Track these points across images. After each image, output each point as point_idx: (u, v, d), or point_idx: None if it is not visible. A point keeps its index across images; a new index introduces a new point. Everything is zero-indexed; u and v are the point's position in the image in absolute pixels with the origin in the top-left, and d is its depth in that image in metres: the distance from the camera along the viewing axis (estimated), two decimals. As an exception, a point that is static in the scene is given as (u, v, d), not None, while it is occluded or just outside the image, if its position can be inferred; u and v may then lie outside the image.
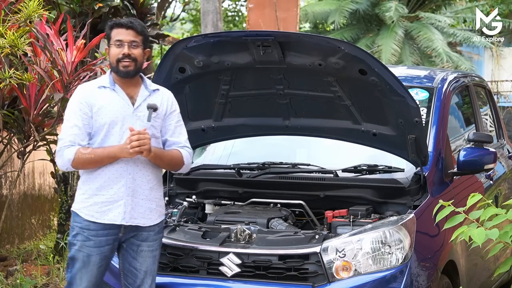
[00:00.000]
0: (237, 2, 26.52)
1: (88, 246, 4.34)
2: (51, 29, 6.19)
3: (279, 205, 5.06)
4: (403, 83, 4.67)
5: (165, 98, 4.49)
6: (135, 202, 4.38)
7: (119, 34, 4.36)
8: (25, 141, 6.52)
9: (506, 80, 19.34)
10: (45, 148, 6.98)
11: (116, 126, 4.35)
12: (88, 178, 4.39)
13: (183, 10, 26.60)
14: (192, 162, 5.46)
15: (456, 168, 5.31)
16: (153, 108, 4.36)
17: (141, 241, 4.44)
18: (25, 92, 6.24)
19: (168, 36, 9.63)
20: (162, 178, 4.54)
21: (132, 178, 4.37)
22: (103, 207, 4.35)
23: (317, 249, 4.52)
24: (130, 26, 4.36)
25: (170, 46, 4.93)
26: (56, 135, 6.64)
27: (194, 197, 5.23)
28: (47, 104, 6.37)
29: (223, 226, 4.85)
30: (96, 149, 4.33)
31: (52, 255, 7.49)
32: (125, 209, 4.35)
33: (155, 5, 18.99)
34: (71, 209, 4.45)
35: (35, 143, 6.53)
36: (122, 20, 4.42)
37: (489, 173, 5.92)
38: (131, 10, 8.27)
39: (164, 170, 4.90)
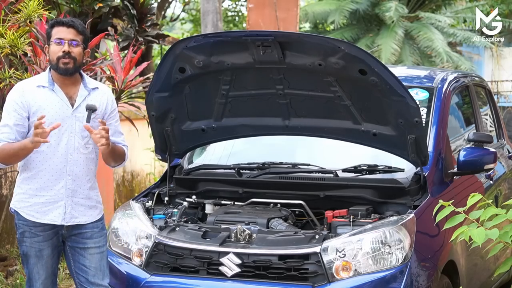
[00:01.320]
0: (237, 2, 26.50)
1: (37, 241, 4.43)
2: (51, 29, 6.18)
3: (279, 205, 5.05)
4: (403, 83, 4.67)
5: (105, 97, 4.52)
6: (75, 201, 4.45)
7: (59, 32, 4.39)
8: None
9: (506, 80, 19.32)
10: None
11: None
12: (28, 178, 4.44)
13: (183, 10, 26.58)
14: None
15: (456, 168, 5.31)
16: (92, 109, 4.37)
17: (87, 239, 4.51)
18: (25, 92, 6.23)
19: (168, 36, 9.62)
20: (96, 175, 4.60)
21: (72, 179, 4.42)
22: (43, 208, 4.41)
23: (317, 249, 4.52)
24: (71, 25, 4.39)
25: (170, 46, 4.93)
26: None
27: (194, 197, 5.23)
28: (47, 104, 6.36)
29: (223, 226, 4.84)
30: (14, 143, 4.33)
31: (52, 255, 7.47)
32: (65, 210, 4.42)
33: (155, 5, 18.97)
34: (11, 206, 4.50)
35: (35, 143, 6.51)
36: (63, 19, 4.46)
37: (489, 173, 5.91)
38: (131, 10, 8.26)
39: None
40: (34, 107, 4.37)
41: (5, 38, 5.78)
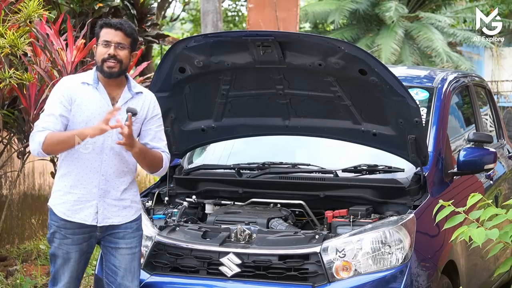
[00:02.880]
0: (237, 2, 26.52)
1: (66, 244, 4.39)
2: (51, 29, 6.19)
3: (279, 205, 5.06)
4: (403, 83, 4.67)
5: (147, 102, 4.48)
6: (107, 202, 4.40)
7: (107, 34, 4.36)
8: (25, 141, 6.52)
9: (506, 80, 19.34)
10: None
11: (92, 125, 4.32)
12: (63, 175, 4.41)
13: (183, 10, 26.59)
14: (197, 164, 5.46)
15: (456, 168, 5.31)
16: (132, 113, 4.33)
17: (119, 239, 4.46)
18: (25, 92, 6.24)
19: (168, 36, 9.62)
20: (134, 177, 4.53)
21: (105, 180, 4.38)
22: (74, 206, 4.37)
23: (317, 249, 4.52)
24: (119, 27, 4.35)
25: (170, 46, 4.93)
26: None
27: (194, 197, 5.23)
28: (47, 104, 6.37)
29: (223, 226, 4.84)
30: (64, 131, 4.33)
31: (52, 255, 7.47)
32: (97, 210, 4.38)
33: (155, 5, 18.97)
34: (48, 204, 4.47)
35: (35, 143, 6.52)
36: (112, 20, 4.42)
37: (489, 173, 5.91)
38: (131, 10, 8.26)
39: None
40: (76, 102, 4.35)
41: (5, 38, 5.78)
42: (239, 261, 4.61)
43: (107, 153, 4.37)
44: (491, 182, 6.06)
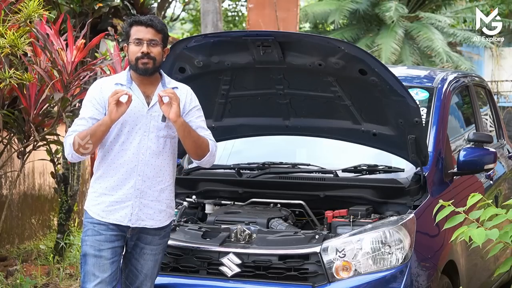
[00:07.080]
0: (237, 2, 26.52)
1: (99, 240, 4.31)
2: (51, 29, 6.19)
3: (279, 205, 5.06)
4: (403, 83, 4.67)
5: (183, 96, 4.42)
6: (143, 203, 4.35)
7: (138, 32, 4.31)
8: (25, 141, 6.52)
9: (506, 80, 19.35)
10: (45, 148, 6.98)
11: (128, 125, 4.32)
12: (99, 177, 4.36)
13: (183, 10, 26.59)
14: None
15: (456, 168, 5.31)
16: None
17: (145, 244, 4.43)
18: (25, 92, 6.24)
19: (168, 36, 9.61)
20: (174, 180, 4.49)
21: (142, 180, 4.32)
22: (110, 207, 4.33)
23: (317, 249, 4.52)
24: (149, 24, 4.31)
25: (170, 46, 4.93)
26: (57, 135, 6.65)
27: (194, 197, 5.24)
28: (47, 104, 6.38)
29: (223, 226, 4.85)
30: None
31: (52, 255, 7.49)
32: (132, 211, 4.33)
33: (155, 5, 18.97)
34: (84, 207, 4.44)
35: (35, 143, 6.53)
36: (142, 17, 4.36)
37: (489, 173, 5.92)
38: (131, 10, 8.25)
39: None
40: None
41: (5, 38, 5.77)
42: (239, 261, 4.61)
43: (143, 153, 4.32)
44: (491, 182, 6.06)
